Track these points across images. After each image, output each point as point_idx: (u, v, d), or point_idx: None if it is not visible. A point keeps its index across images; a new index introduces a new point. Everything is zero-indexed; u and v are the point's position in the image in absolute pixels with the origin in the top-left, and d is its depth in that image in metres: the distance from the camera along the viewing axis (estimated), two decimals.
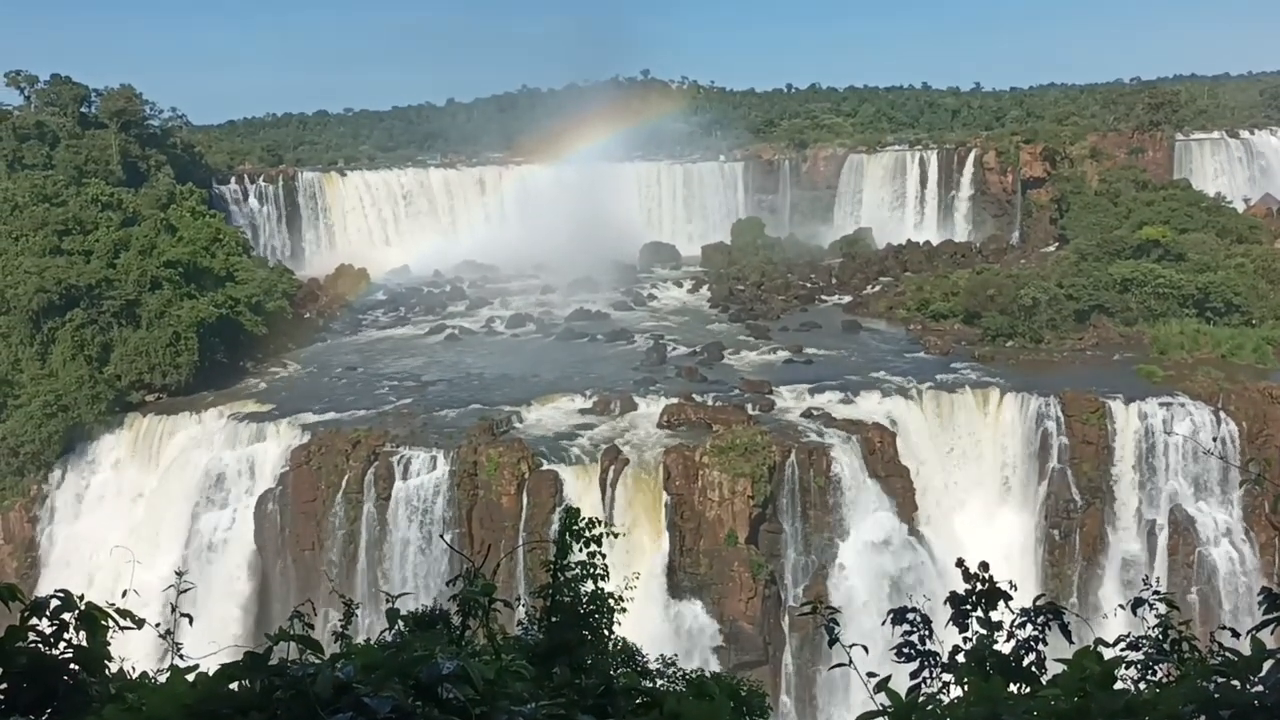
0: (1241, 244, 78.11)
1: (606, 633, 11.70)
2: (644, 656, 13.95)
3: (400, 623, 4.83)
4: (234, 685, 2.94)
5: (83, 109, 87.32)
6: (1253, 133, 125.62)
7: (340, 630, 9.55)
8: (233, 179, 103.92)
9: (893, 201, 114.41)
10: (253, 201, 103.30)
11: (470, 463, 51.92)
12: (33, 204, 69.87)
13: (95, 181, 76.66)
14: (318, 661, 3.04)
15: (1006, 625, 6.22)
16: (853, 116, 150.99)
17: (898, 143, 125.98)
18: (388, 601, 5.28)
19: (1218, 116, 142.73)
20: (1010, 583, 6.56)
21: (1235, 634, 6.14)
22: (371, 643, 4.29)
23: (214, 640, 5.02)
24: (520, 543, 47.65)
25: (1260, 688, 4.58)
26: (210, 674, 2.97)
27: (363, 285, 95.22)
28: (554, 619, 10.63)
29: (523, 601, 12.86)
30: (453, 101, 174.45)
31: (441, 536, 49.80)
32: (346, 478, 52.96)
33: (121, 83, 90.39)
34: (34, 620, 3.51)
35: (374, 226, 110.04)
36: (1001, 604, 6.36)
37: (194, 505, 55.77)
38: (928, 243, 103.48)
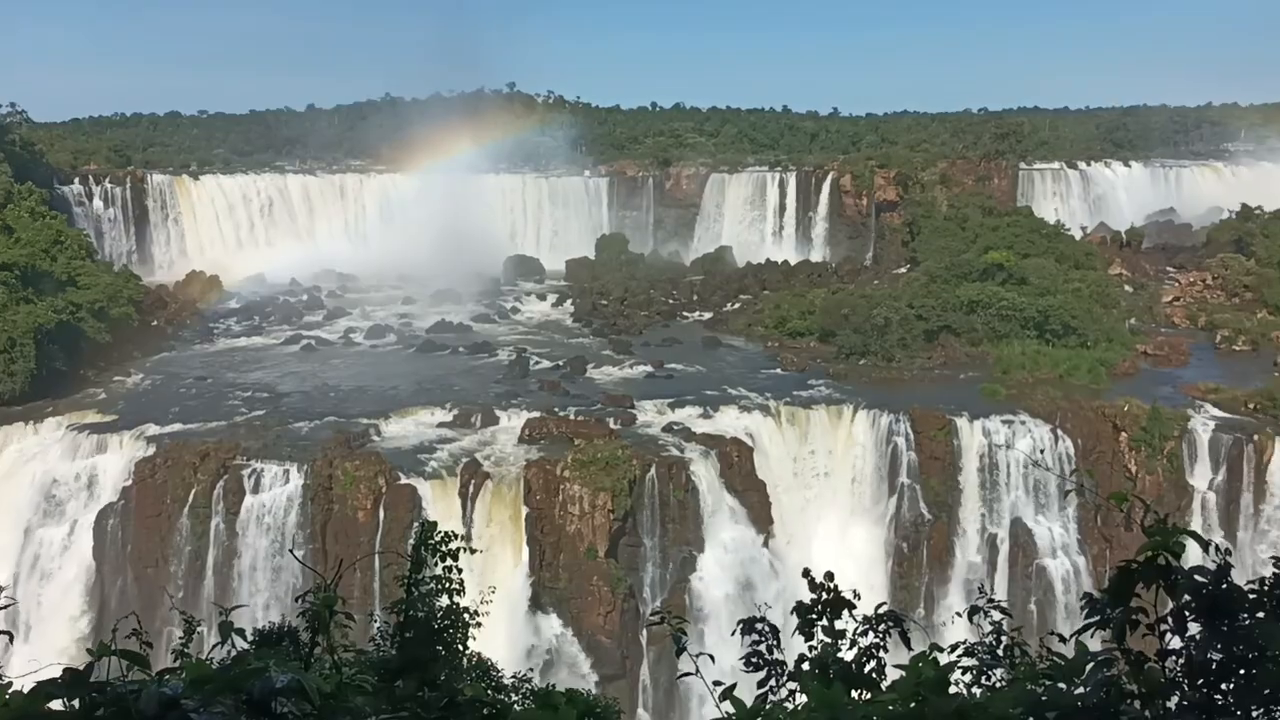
0: (1078, 270, 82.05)
1: (461, 648, 11.59)
2: (499, 671, 13.86)
3: (240, 638, 4.68)
4: (53, 704, 2.81)
5: None
6: (1089, 164, 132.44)
7: (181, 648, 9.21)
8: (76, 179, 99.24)
9: (753, 221, 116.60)
10: (98, 203, 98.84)
11: (325, 476, 50.71)
12: None
13: None
14: (143, 678, 2.93)
15: (849, 633, 6.40)
16: (715, 136, 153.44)
17: (758, 163, 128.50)
18: (220, 615, 5.11)
19: (1058, 148, 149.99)
20: (854, 592, 6.75)
21: (1063, 639, 6.44)
22: (206, 659, 4.15)
23: (50, 660, 4.79)
24: (376, 556, 46.71)
25: (1083, 689, 4.79)
26: (25, 693, 2.83)
27: (215, 293, 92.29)
28: (406, 634, 10.47)
29: (376, 617, 12.63)
30: (313, 107, 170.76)
31: (291, 551, 48.45)
32: (194, 491, 51.08)
33: None
34: None
35: (228, 233, 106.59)
36: (846, 613, 6.55)
37: (28, 520, 52.95)
38: (786, 262, 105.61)
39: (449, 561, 11.65)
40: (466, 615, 11.68)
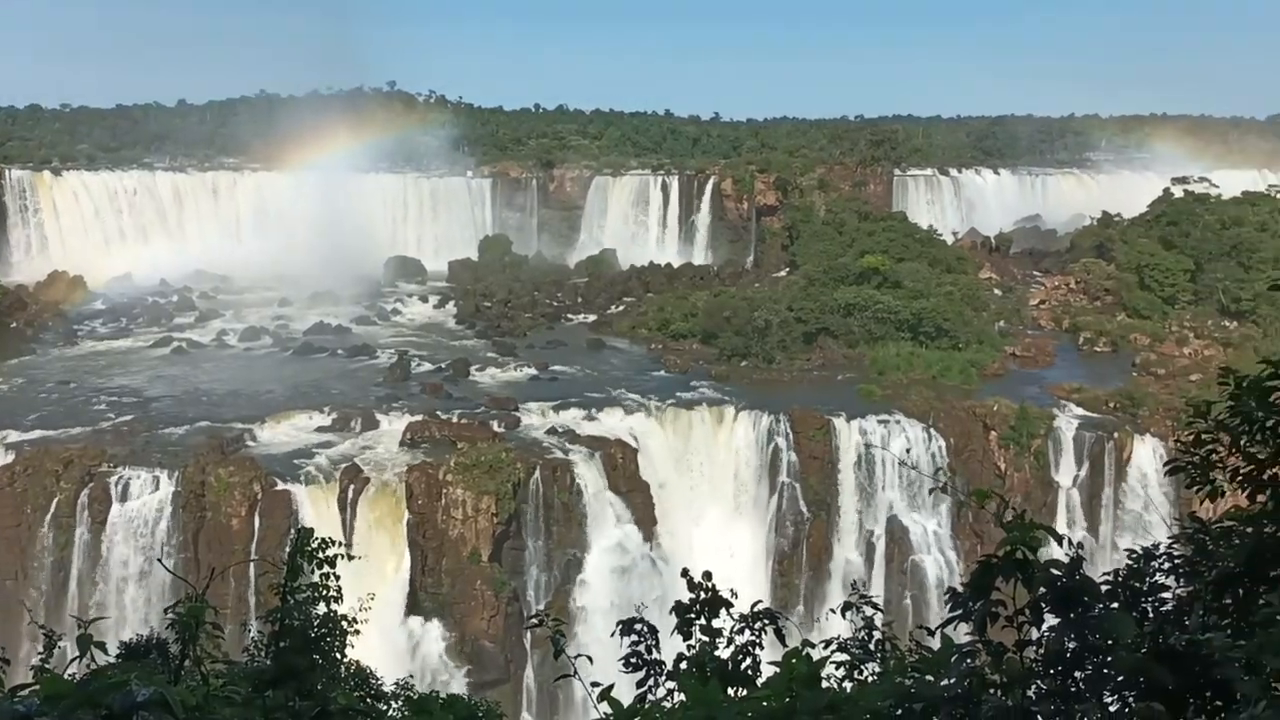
0: (950, 274, 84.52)
1: (339, 656, 11.40)
2: (378, 679, 13.66)
3: (102, 652, 4.53)
4: None
5: None
6: (960, 171, 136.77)
7: (41, 664, 8.84)
8: None
9: (636, 224, 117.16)
10: None
11: (197, 483, 49.19)
12: None
13: None
14: None
15: (727, 632, 6.51)
16: (598, 139, 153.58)
17: (641, 167, 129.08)
18: (80, 628, 4.94)
19: (930, 155, 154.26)
20: (731, 590, 6.87)
21: (931, 632, 6.66)
22: (67, 674, 4.02)
23: None
24: (251, 564, 45.50)
25: (947, 680, 4.97)
26: None
27: (79, 294, 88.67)
28: (281, 643, 10.24)
29: (251, 627, 12.31)
30: (184, 102, 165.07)
31: (160, 561, 46.86)
32: (56, 500, 49.02)
33: None
34: None
35: (93, 231, 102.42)
36: (723, 611, 6.66)
37: None
38: (669, 264, 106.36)
39: (326, 569, 11.43)
40: (344, 623, 11.50)
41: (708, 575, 6.87)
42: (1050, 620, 4.86)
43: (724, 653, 6.25)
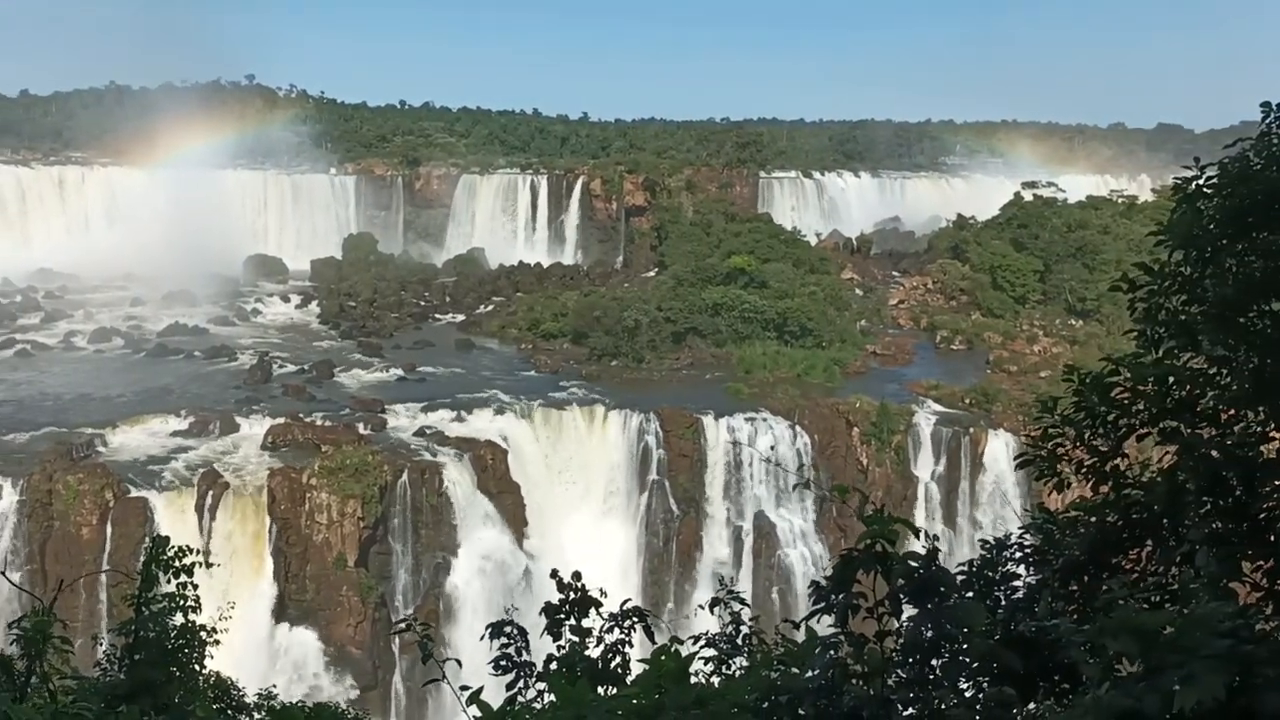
0: (814, 274, 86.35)
1: (198, 667, 11.03)
2: (240, 690, 13.27)
3: None
4: None
5: None
6: (823, 174, 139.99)
7: None
8: None
9: (505, 223, 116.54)
10: None
11: (44, 491, 46.98)
12: None
13: None
14: None
15: (596, 631, 6.54)
16: (466, 137, 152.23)
17: (510, 166, 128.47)
18: None
19: (794, 157, 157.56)
20: (601, 590, 6.91)
21: (796, 625, 6.82)
22: None
23: None
24: (103, 575, 43.65)
25: (811, 672, 5.09)
26: None
27: None
28: (136, 656, 9.88)
29: (103, 640, 11.83)
30: (27, 93, 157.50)
31: (2, 573, 44.51)
32: None
33: None
34: None
35: None
36: (593, 611, 6.69)
37: None
38: (539, 264, 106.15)
39: (183, 577, 11.06)
40: (203, 633, 11.13)
41: (577, 575, 6.89)
42: (909, 611, 5.02)
43: (594, 652, 6.28)
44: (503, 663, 6.47)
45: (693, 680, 5.41)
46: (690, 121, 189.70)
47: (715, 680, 6.85)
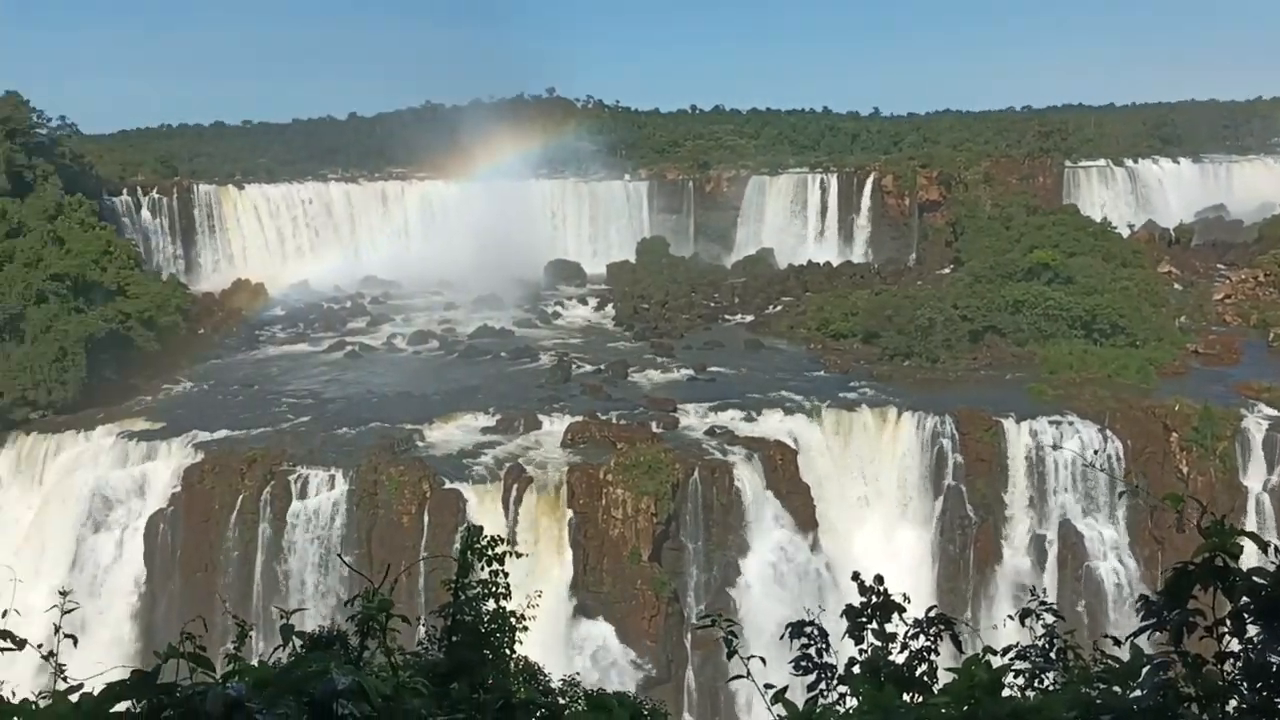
0: (1126, 268, 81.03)
1: (508, 652, 11.62)
2: (546, 675, 13.88)
3: (295, 641, 4.75)
4: (121, 706, 2.87)
5: None
6: (1136, 161, 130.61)
7: (233, 652, 9.30)
8: (125, 191, 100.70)
9: (794, 223, 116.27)
10: (145, 214, 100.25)
11: (370, 482, 51.15)
12: None
13: None
14: (208, 680, 2.99)
15: (900, 637, 6.35)
16: (755, 139, 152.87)
17: (799, 165, 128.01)
18: (281, 618, 5.17)
19: (1103, 145, 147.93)
20: (904, 595, 6.71)
21: (1117, 642, 6.37)
22: (265, 662, 4.21)
23: (101, 662, 4.87)
24: (420, 560, 47.00)
25: (1139, 692, 4.75)
26: (95, 695, 2.89)
27: (260, 301, 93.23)
28: (454, 638, 10.52)
29: (423, 621, 12.71)
30: (355, 115, 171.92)
31: (340, 556, 48.90)
32: (241, 498, 51.73)
33: (7, 90, 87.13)
34: None
35: (272, 241, 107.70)
36: (895, 616, 6.50)
37: (80, 526, 53.84)
38: (828, 263, 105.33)
39: (495, 566, 11.67)
40: (513, 619, 11.70)
41: (879, 579, 6.73)
42: (1251, 631, 4.58)
43: (897, 658, 6.11)
44: (803, 663, 6.41)
45: (1004, 693, 5.17)
46: (988, 112, 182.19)
47: (1029, 694, 6.51)
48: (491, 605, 11.54)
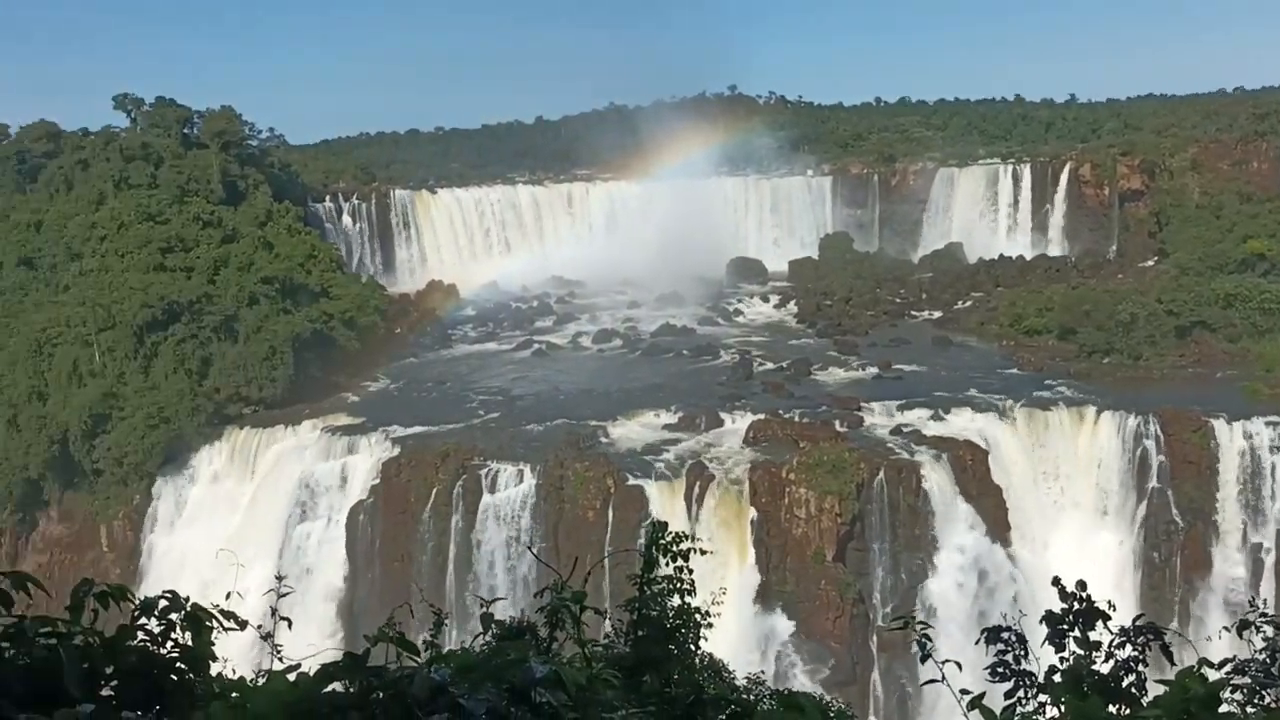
0: None
1: (693, 647, 11.66)
2: (730, 672, 13.88)
3: (488, 631, 4.88)
4: (332, 686, 3.02)
5: (185, 130, 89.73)
6: None
7: (430, 639, 9.65)
8: (327, 197, 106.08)
9: (985, 215, 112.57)
10: (346, 219, 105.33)
11: (557, 477, 52.30)
12: (138, 222, 72.42)
13: (197, 200, 79.09)
14: (414, 664, 3.11)
15: (1105, 645, 6.06)
16: (943, 130, 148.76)
17: (989, 156, 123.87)
18: (482, 607, 5.35)
19: None
20: (1109, 602, 6.39)
21: None
22: (463, 649, 4.36)
23: (311, 644, 5.14)
24: (607, 555, 47.77)
25: None
26: (310, 674, 3.05)
27: (452, 301, 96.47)
28: (640, 633, 10.63)
29: (609, 615, 12.89)
30: (541, 119, 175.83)
31: (529, 548, 50.19)
32: (435, 490, 53.71)
33: (222, 104, 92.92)
34: (143, 620, 3.63)
35: (463, 243, 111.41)
36: (1099, 624, 6.20)
37: (288, 515, 57.02)
38: (1020, 257, 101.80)
39: (680, 562, 11.74)
40: (698, 616, 11.73)
41: (1082, 584, 6.43)
42: None
43: (1102, 667, 5.83)
44: (1000, 669, 6.19)
45: (1222, 709, 4.85)
46: (1195, 95, 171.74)
47: (1249, 711, 6.10)
48: (676, 601, 11.61)
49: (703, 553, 12.32)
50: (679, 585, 11.68)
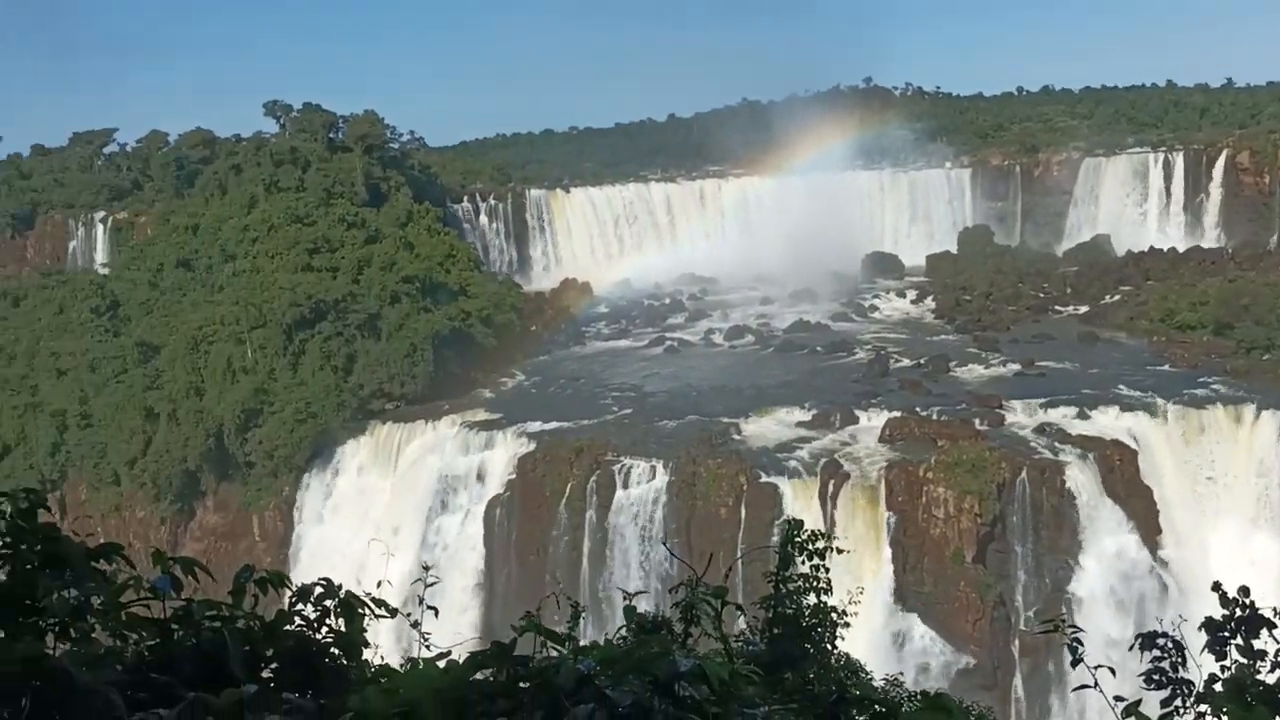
0: None
1: (829, 646, 11.53)
2: (867, 673, 13.68)
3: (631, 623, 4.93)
4: (480, 674, 3.09)
5: (330, 134, 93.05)
6: None
7: (568, 632, 9.79)
8: (465, 198, 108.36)
9: (1134, 206, 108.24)
10: (483, 219, 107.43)
11: (689, 474, 52.37)
12: (286, 224, 75.38)
13: (341, 202, 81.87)
14: (560, 654, 3.15)
15: (1271, 655, 5.77)
16: (1089, 118, 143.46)
17: (1139, 144, 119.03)
18: (625, 599, 5.40)
19: None
20: (1275, 609, 6.08)
21: None
22: (606, 641, 4.40)
23: (455, 633, 5.27)
24: (743, 553, 47.63)
25: None
26: (460, 661, 3.13)
27: (586, 299, 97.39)
28: (775, 630, 10.58)
29: (744, 612, 12.85)
30: (673, 116, 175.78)
31: (664, 543, 50.39)
32: (570, 485, 54.38)
33: (365, 108, 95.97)
34: (300, 606, 3.80)
35: (596, 241, 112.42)
36: (1264, 632, 5.91)
37: (428, 509, 58.55)
38: (1172, 249, 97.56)
39: (816, 560, 11.62)
40: (834, 615, 11.60)
41: (1244, 590, 6.14)
42: None
43: (1268, 677, 5.55)
44: (1155, 677, 5.96)
45: None
46: None
47: None
48: (812, 599, 11.50)
49: (840, 551, 12.19)
50: (815, 584, 11.57)
